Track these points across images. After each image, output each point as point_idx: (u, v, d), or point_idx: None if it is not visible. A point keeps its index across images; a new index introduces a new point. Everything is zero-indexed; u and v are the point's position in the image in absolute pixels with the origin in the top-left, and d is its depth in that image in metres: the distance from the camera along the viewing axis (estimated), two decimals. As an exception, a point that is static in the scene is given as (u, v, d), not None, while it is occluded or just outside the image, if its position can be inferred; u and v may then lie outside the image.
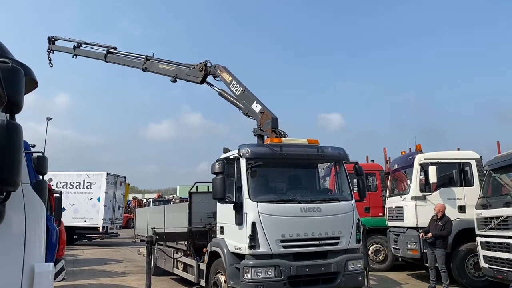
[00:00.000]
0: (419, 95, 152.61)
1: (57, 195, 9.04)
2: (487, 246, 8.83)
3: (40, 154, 5.65)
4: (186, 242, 9.38)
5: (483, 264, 8.99)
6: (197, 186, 10.27)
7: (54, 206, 8.58)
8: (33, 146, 6.67)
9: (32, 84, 3.12)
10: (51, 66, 16.01)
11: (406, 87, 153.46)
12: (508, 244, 8.09)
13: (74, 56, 15.00)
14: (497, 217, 8.43)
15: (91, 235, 21.85)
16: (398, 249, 11.20)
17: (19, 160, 2.39)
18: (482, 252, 9.02)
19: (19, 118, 2.75)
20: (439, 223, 9.52)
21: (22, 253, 2.66)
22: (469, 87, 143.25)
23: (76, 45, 14.95)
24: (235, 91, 10.38)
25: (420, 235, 9.92)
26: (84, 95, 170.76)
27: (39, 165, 5.24)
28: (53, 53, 15.95)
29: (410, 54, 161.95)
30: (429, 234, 9.55)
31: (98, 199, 21.36)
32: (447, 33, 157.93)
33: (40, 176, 5.63)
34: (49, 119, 34.70)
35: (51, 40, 15.84)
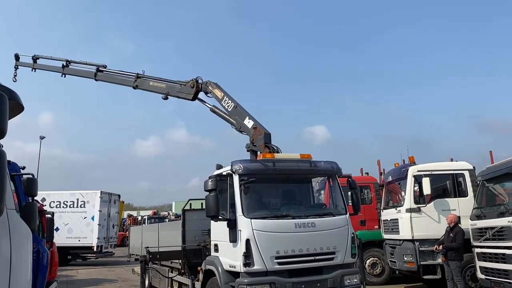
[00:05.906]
0: (401, 106, 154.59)
1: (49, 215, 8.88)
2: (483, 257, 8.80)
3: (30, 176, 5.61)
4: (180, 261, 9.27)
5: (480, 275, 8.95)
6: (190, 203, 10.19)
7: (46, 227, 8.44)
8: (23, 168, 6.61)
9: (17, 108, 3.11)
10: (15, 81, 16.56)
11: (388, 99, 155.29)
12: (503, 254, 8.07)
13: (63, 75, 14.98)
14: (492, 228, 8.42)
15: (86, 255, 21.61)
16: (395, 261, 11.13)
17: (2, 187, 2.35)
18: (478, 263, 8.99)
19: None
20: (451, 234, 9.42)
21: (7, 280, 2.61)
22: (446, 98, 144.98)
23: (65, 64, 14.93)
24: (227, 107, 10.37)
25: (434, 247, 9.75)
26: (69, 113, 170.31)
27: (28, 187, 5.19)
28: (34, 71, 16.15)
29: (391, 67, 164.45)
30: (440, 247, 9.46)
31: (92, 218, 21.15)
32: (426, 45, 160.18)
33: (30, 198, 5.59)
34: (42, 137, 34.52)
35: (34, 59, 16.04)
